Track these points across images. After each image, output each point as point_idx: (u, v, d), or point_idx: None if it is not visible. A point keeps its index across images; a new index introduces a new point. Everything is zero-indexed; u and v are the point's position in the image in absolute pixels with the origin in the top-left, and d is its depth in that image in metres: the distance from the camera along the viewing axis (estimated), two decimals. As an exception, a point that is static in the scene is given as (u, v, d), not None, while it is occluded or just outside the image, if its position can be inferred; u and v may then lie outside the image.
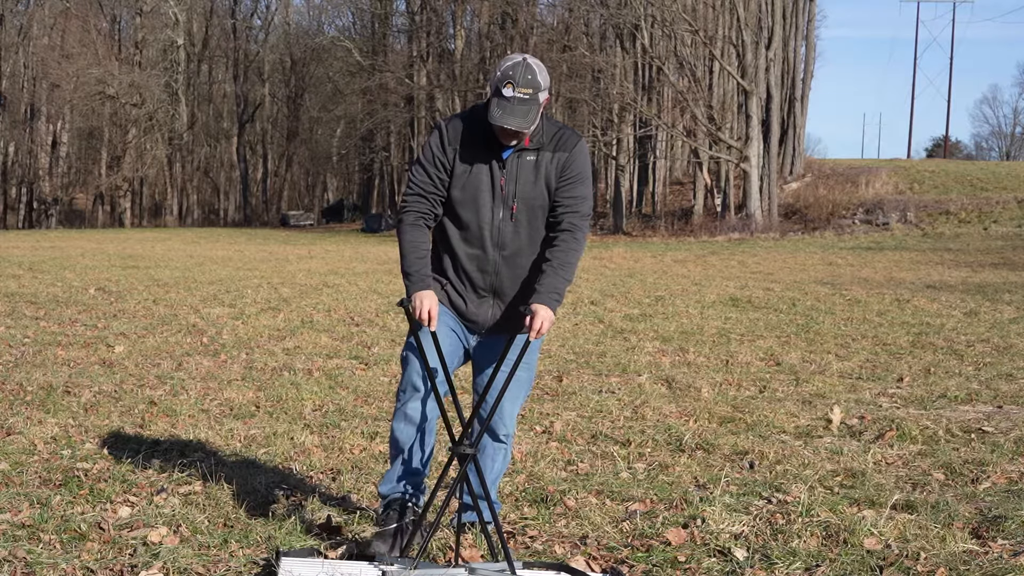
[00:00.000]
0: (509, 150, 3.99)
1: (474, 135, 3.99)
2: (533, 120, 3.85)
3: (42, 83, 58.46)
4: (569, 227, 4.03)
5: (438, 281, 4.12)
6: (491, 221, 4.01)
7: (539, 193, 4.02)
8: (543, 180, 4.01)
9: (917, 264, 24.30)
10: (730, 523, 4.51)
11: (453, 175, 4.00)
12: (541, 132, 4.01)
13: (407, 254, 4.02)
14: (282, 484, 5.20)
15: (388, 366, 8.87)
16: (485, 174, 4.00)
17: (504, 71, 3.84)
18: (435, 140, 4.04)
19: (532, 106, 3.84)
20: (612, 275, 20.51)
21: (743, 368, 8.98)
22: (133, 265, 21.88)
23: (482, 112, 3.97)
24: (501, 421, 4.19)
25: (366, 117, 58.15)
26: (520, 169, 4.00)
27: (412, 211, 4.05)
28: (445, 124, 4.05)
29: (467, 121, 4.02)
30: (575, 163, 4.03)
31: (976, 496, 5.05)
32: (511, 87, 3.80)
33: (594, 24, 48.02)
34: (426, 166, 4.03)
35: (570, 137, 4.05)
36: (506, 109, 3.81)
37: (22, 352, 9.33)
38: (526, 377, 4.19)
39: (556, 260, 3.99)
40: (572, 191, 4.03)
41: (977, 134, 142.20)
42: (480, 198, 4.00)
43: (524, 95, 3.81)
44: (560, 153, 4.01)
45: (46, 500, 4.76)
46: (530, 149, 4.00)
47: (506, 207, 4.01)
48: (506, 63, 3.87)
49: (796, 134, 48.89)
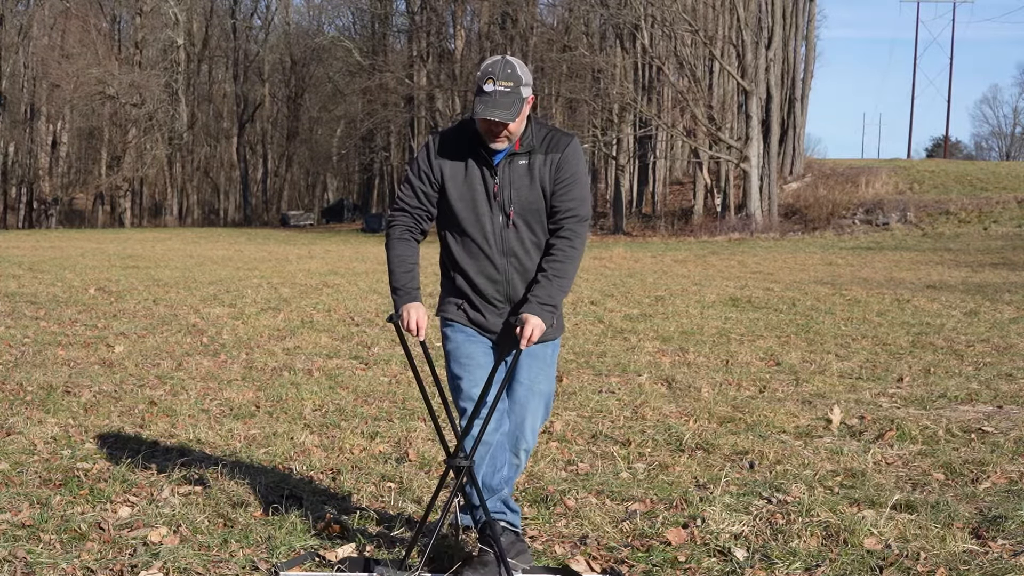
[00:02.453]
0: (499, 156, 3.96)
1: (463, 146, 3.99)
2: (516, 113, 3.84)
3: (42, 83, 58.45)
4: (568, 234, 3.99)
5: (453, 303, 4.08)
6: (492, 229, 3.98)
7: (536, 196, 3.99)
8: (538, 183, 3.98)
9: (917, 264, 24.29)
10: (730, 523, 4.51)
11: (447, 188, 3.99)
12: (531, 135, 3.98)
13: (394, 269, 4.03)
14: (282, 484, 5.20)
15: (388, 366, 8.87)
16: (479, 182, 3.98)
17: (484, 69, 3.87)
18: (422, 155, 4.06)
19: (515, 99, 3.83)
20: (612, 275, 20.51)
21: (743, 368, 8.98)
22: (133, 265, 21.88)
23: (470, 123, 3.99)
24: (523, 436, 4.12)
25: (366, 117, 58.16)
26: (513, 174, 3.97)
27: (398, 225, 4.07)
28: (433, 138, 4.07)
29: (455, 133, 4.04)
30: (568, 163, 3.99)
31: (976, 496, 5.05)
32: (491, 82, 3.82)
33: (594, 24, 48.05)
34: (412, 181, 4.06)
35: (561, 138, 4.02)
36: (488, 103, 3.81)
37: (22, 352, 9.33)
38: (547, 391, 4.14)
39: (552, 270, 3.96)
40: (569, 193, 3.99)
41: (977, 134, 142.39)
42: (478, 207, 3.97)
43: (505, 87, 3.82)
44: (553, 154, 3.98)
45: (46, 500, 4.76)
46: (521, 153, 3.97)
47: (503, 213, 3.98)
48: (486, 63, 3.90)
49: (796, 134, 48.91)
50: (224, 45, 68.69)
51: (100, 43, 59.14)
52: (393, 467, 5.53)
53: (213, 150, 70.03)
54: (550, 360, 4.14)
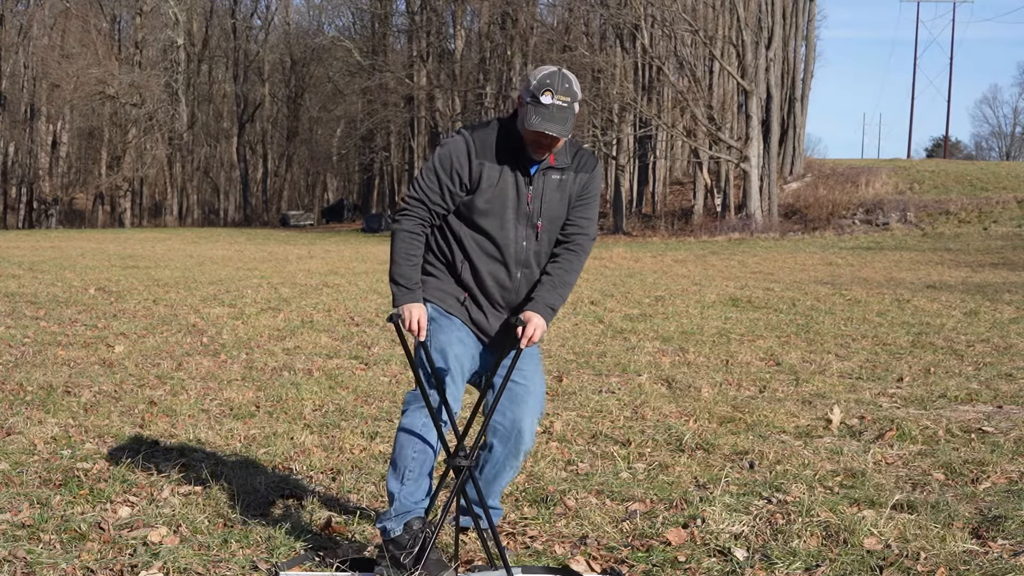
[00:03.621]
0: (536, 166, 3.90)
1: (501, 150, 3.88)
2: (570, 129, 3.79)
3: (42, 83, 58.48)
4: (576, 248, 4.00)
5: (455, 296, 4.00)
6: (515, 238, 3.93)
7: (562, 212, 3.98)
8: (567, 200, 3.98)
9: (917, 264, 24.30)
10: (730, 523, 4.51)
11: (479, 188, 3.88)
12: (565, 151, 3.95)
13: (400, 261, 3.90)
14: (282, 484, 5.20)
15: (388, 366, 8.87)
16: (512, 189, 3.90)
17: (541, 79, 3.75)
18: (459, 152, 3.86)
19: (570, 115, 3.77)
20: (612, 275, 20.51)
21: (743, 368, 8.98)
22: (133, 265, 21.88)
23: (509, 125, 3.89)
24: (521, 438, 4.08)
25: (366, 117, 58.20)
26: (546, 186, 3.93)
27: (412, 216, 3.92)
28: (470, 135, 3.90)
29: (493, 135, 3.90)
30: (594, 185, 4.03)
31: (976, 496, 5.04)
32: (550, 94, 3.72)
33: (594, 24, 48.06)
34: (440, 174, 3.88)
35: (589, 159, 4.03)
36: (545, 116, 3.72)
37: (22, 352, 9.33)
38: (542, 391, 4.13)
39: (556, 276, 3.96)
40: (586, 212, 4.02)
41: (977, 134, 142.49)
42: (506, 214, 3.90)
43: (563, 103, 3.74)
44: (583, 174, 3.99)
45: (46, 500, 4.76)
46: (556, 168, 3.93)
47: (531, 225, 3.93)
48: (542, 72, 3.79)
49: (796, 134, 48.92)
50: (224, 45, 68.72)
51: (100, 43, 59.15)
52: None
53: (213, 150, 70.06)
54: (539, 359, 4.16)
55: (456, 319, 3.98)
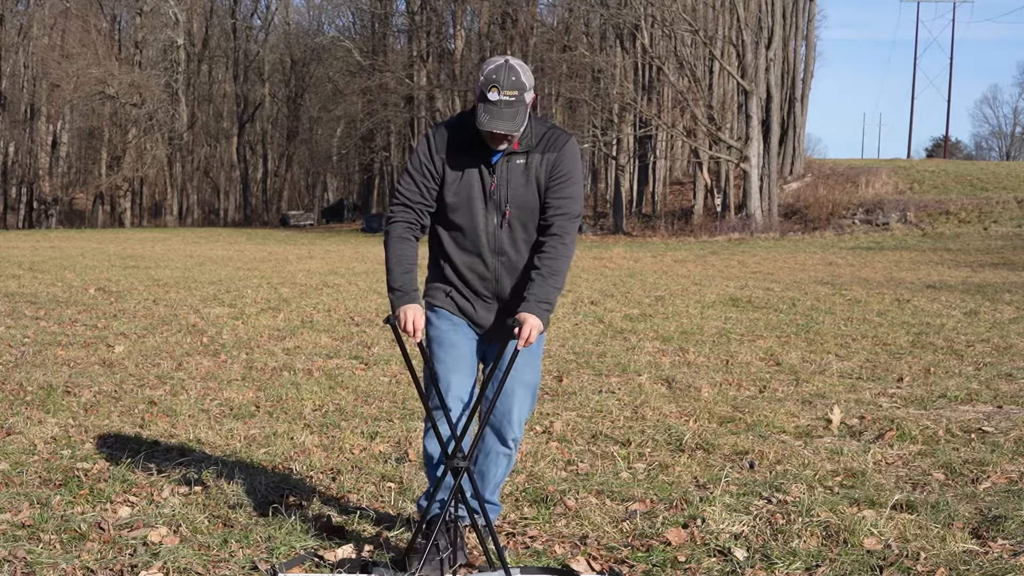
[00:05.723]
0: (498, 154, 3.96)
1: (462, 141, 3.97)
2: (521, 123, 3.82)
3: (42, 83, 58.42)
4: (558, 231, 3.98)
5: (442, 289, 4.10)
6: (486, 227, 3.98)
7: (531, 195, 3.99)
8: (534, 182, 3.98)
9: (917, 264, 24.29)
10: (730, 523, 4.51)
11: (444, 182, 3.97)
12: (530, 134, 3.97)
13: (393, 268, 3.99)
14: (282, 484, 5.20)
15: (388, 366, 8.87)
16: (476, 179, 3.97)
17: (487, 75, 3.80)
18: (423, 148, 4.01)
19: (519, 108, 3.81)
20: (612, 275, 20.51)
21: (743, 368, 8.98)
22: (133, 265, 21.88)
23: (470, 117, 3.95)
24: (510, 426, 4.11)
25: (366, 117, 58.15)
26: (510, 172, 3.96)
27: (399, 222, 4.02)
28: (432, 132, 4.03)
29: (454, 127, 4.00)
30: (564, 162, 3.99)
31: (976, 496, 5.05)
32: (496, 91, 3.77)
33: (594, 24, 48.05)
34: (413, 175, 4.00)
35: (559, 136, 4.02)
36: (493, 113, 3.78)
37: (22, 352, 9.33)
38: (533, 381, 4.15)
39: (546, 268, 3.95)
40: (561, 191, 3.99)
41: (977, 134, 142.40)
42: (473, 204, 3.97)
43: (510, 97, 3.78)
44: (549, 154, 3.98)
45: (46, 500, 4.76)
46: (519, 152, 3.97)
47: (499, 212, 3.98)
48: (488, 67, 3.83)
49: (796, 134, 48.91)
50: (224, 45, 68.67)
51: (100, 43, 59.11)
52: (393, 467, 5.53)
53: (213, 150, 70.00)
54: (537, 351, 4.15)
55: (450, 313, 4.08)
